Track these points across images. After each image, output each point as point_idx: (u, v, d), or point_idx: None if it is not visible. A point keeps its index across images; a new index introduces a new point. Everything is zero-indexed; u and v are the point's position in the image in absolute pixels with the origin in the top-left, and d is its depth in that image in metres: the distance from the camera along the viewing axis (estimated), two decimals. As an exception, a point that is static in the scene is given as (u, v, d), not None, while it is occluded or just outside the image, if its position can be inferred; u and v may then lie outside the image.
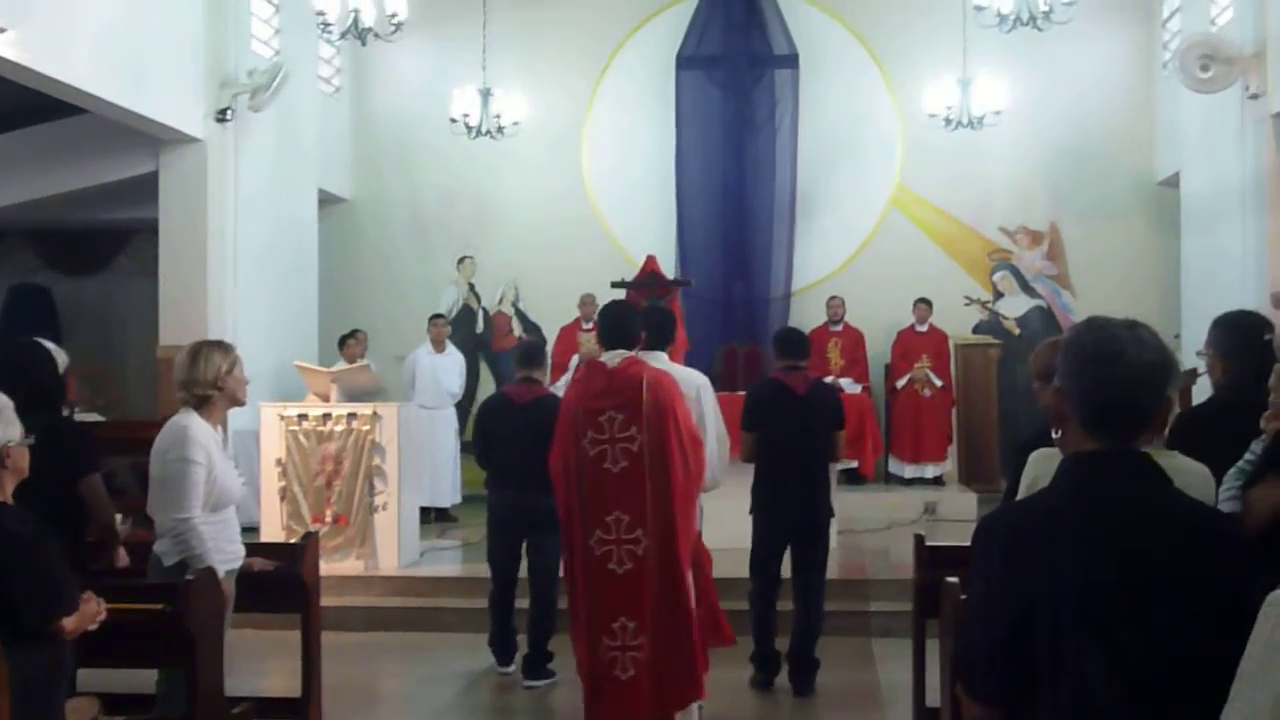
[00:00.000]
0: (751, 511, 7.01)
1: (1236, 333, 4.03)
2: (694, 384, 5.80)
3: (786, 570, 7.01)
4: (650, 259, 11.49)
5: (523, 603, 7.37)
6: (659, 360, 5.67)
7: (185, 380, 4.83)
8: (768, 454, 6.93)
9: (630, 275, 11.46)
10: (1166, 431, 4.16)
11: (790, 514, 6.91)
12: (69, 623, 3.79)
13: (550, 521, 5.86)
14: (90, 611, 3.92)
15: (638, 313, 5.86)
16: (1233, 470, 3.27)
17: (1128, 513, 2.17)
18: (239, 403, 4.99)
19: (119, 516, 5.46)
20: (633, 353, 5.40)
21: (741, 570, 6.95)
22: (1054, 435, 2.39)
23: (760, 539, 6.98)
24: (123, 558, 5.16)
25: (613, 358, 5.31)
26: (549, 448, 5.40)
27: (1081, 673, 2.11)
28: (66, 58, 8.62)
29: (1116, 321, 2.26)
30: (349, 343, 11.89)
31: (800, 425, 6.90)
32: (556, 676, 7.19)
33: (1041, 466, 3.38)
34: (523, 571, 7.37)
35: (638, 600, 5.16)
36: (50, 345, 5.24)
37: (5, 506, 3.76)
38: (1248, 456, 3.31)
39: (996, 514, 2.39)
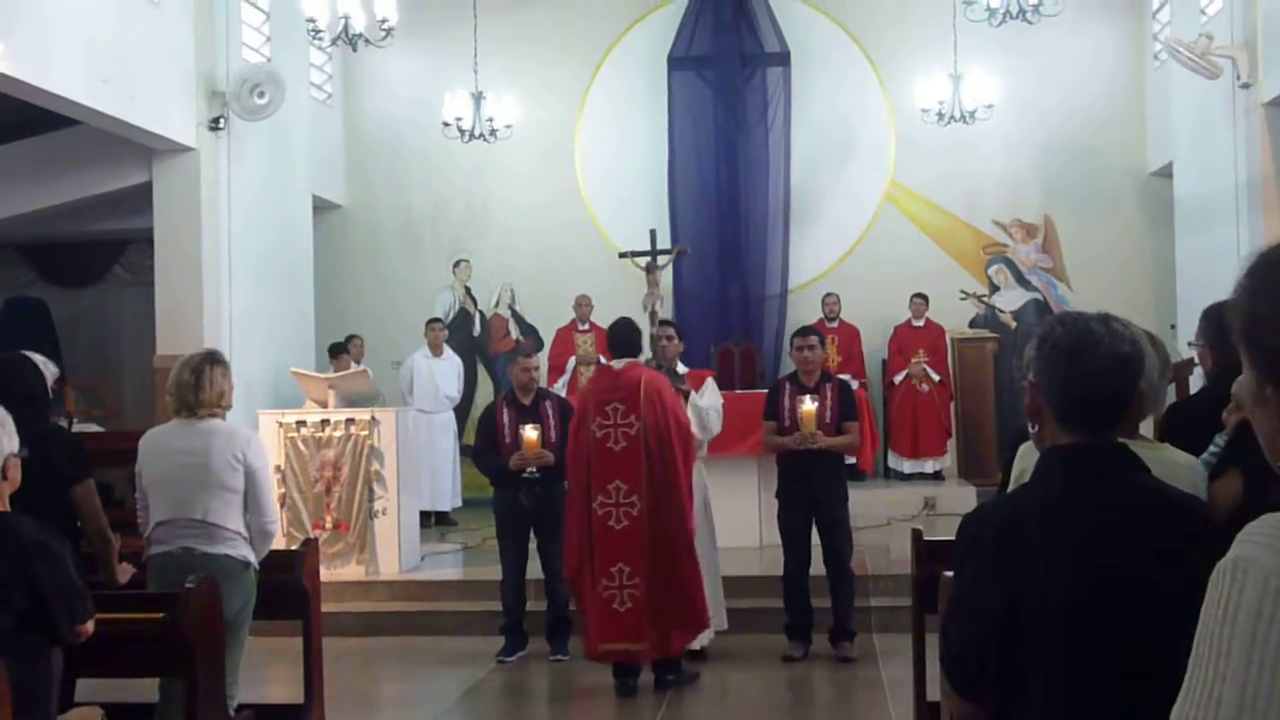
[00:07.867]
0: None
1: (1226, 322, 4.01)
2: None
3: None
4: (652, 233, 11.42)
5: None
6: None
7: (190, 401, 4.97)
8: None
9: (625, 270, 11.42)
10: (1153, 423, 4.15)
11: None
12: (90, 626, 3.83)
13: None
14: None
15: (637, 330, 7.02)
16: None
17: (1109, 505, 2.17)
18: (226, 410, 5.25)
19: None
20: (637, 359, 6.83)
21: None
22: (1030, 430, 2.38)
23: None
24: (126, 570, 5.17)
25: (619, 363, 6.79)
26: None
27: (1068, 669, 2.11)
28: (56, 69, 8.61)
29: (1089, 315, 2.27)
30: (341, 356, 11.91)
31: None
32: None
33: (1028, 460, 3.38)
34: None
35: (632, 550, 6.53)
36: (38, 358, 5.24)
37: (14, 516, 3.77)
38: (1211, 449, 3.31)
39: (979, 510, 2.39)
